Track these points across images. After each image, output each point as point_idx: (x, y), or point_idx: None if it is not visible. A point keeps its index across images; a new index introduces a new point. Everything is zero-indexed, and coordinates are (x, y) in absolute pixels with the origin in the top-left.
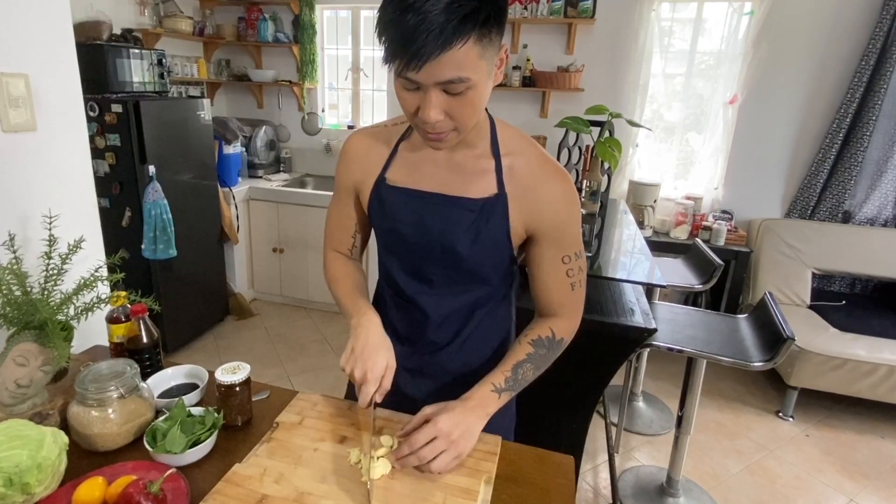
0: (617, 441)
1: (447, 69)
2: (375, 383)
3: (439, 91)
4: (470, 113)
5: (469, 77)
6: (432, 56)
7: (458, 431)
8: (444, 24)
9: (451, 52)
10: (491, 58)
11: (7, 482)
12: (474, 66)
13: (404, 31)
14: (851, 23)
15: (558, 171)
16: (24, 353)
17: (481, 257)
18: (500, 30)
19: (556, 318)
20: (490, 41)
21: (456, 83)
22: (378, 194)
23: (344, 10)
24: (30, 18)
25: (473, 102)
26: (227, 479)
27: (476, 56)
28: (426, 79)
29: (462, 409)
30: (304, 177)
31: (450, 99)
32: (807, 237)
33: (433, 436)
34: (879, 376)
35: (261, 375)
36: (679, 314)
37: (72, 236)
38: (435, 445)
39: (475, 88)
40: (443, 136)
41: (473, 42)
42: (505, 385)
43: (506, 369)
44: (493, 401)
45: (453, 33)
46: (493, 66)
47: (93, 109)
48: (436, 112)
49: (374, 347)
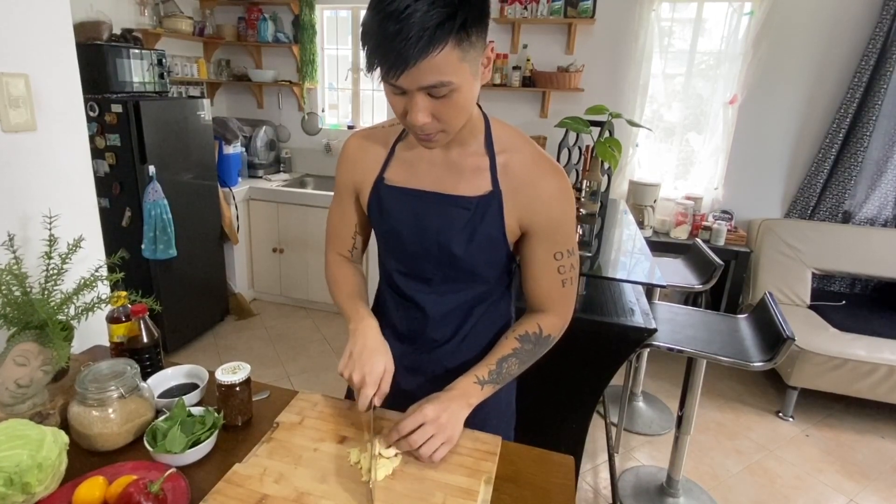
0: (617, 441)
1: (428, 75)
2: (374, 386)
3: (424, 95)
4: (456, 114)
5: (451, 80)
6: (411, 63)
7: (445, 416)
8: (421, 31)
9: (429, 59)
10: (474, 59)
11: (7, 482)
12: (455, 70)
13: (384, 39)
14: (851, 23)
15: (553, 168)
16: (25, 353)
17: (477, 255)
18: (480, 32)
19: (545, 313)
20: (470, 44)
21: (438, 87)
22: (377, 194)
23: (344, 10)
24: (30, 18)
25: (458, 104)
26: (227, 479)
27: (456, 60)
28: (408, 84)
29: (446, 397)
30: (304, 177)
31: (435, 102)
32: (807, 237)
33: (421, 422)
34: (879, 376)
35: (261, 375)
36: (679, 314)
37: (72, 236)
38: (425, 430)
39: (459, 90)
40: (432, 137)
41: (452, 47)
42: (488, 378)
43: (490, 363)
44: (476, 392)
45: (430, 41)
46: (477, 66)
47: (93, 109)
48: (423, 115)
49: (371, 351)
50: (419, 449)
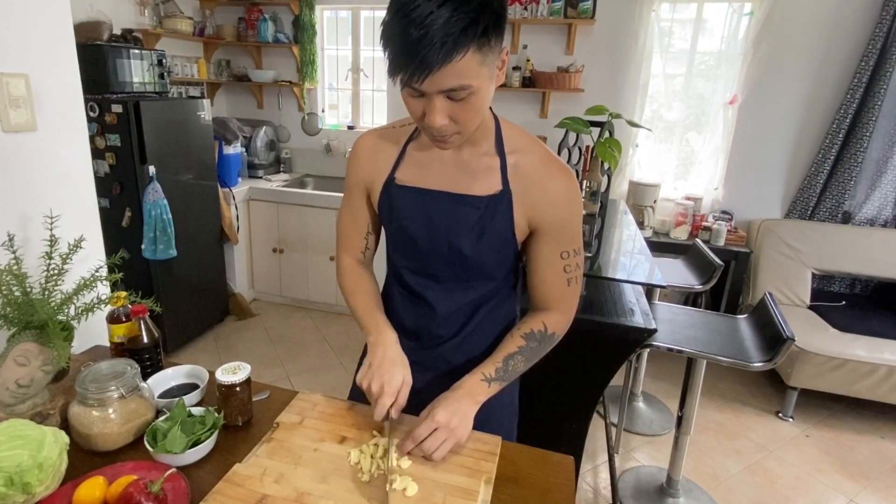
0: (617, 441)
1: (449, 78)
2: (392, 397)
3: (443, 98)
4: (472, 116)
5: (471, 84)
6: (435, 68)
7: (456, 419)
8: (444, 37)
9: (453, 64)
10: (492, 63)
11: (8, 482)
12: (476, 74)
13: (407, 45)
14: (851, 23)
15: (563, 169)
16: (25, 352)
17: (486, 254)
18: (499, 36)
19: (549, 312)
20: (490, 48)
21: (458, 90)
22: (387, 193)
23: (344, 10)
24: (30, 18)
25: (475, 106)
26: (227, 478)
27: (477, 64)
28: (430, 88)
29: (454, 397)
30: (304, 177)
31: (453, 104)
32: (807, 237)
33: (433, 428)
34: (879, 376)
35: (261, 375)
36: (679, 314)
37: (72, 236)
38: (437, 436)
39: (477, 93)
40: (447, 138)
41: (474, 52)
42: (495, 375)
43: (497, 360)
44: (483, 390)
45: (454, 46)
46: (494, 69)
47: (93, 110)
48: (441, 117)
49: (391, 363)
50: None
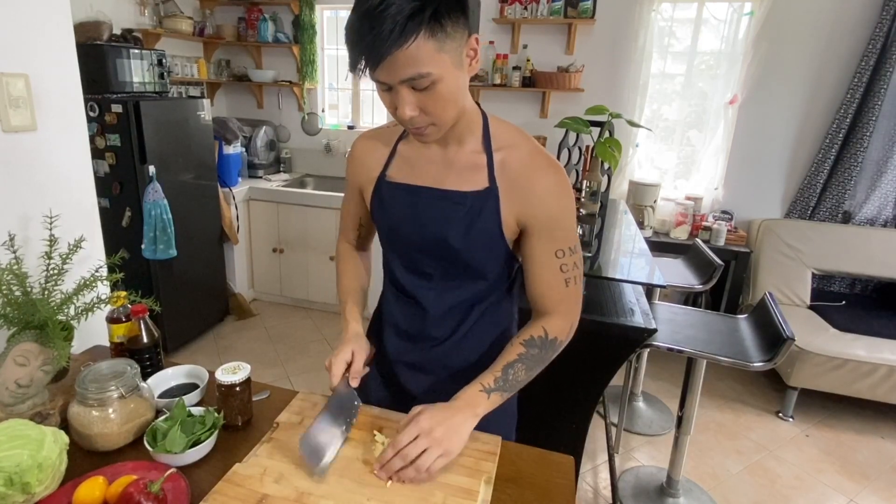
0: (617, 441)
1: (404, 67)
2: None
3: (407, 88)
4: (442, 106)
5: (430, 72)
6: (384, 56)
7: (440, 429)
8: (391, 25)
9: (403, 51)
10: (453, 50)
11: (8, 482)
12: (433, 61)
13: (360, 36)
14: (851, 23)
15: (550, 163)
16: (25, 352)
17: (474, 250)
18: (457, 22)
19: (550, 316)
20: (446, 34)
21: (418, 79)
22: (379, 192)
23: (344, 10)
24: (30, 18)
25: (443, 96)
26: (227, 478)
27: (433, 50)
28: (388, 78)
29: (448, 408)
30: (304, 177)
31: (420, 95)
32: (807, 237)
33: (416, 434)
34: (879, 376)
35: (261, 375)
36: (679, 314)
37: (72, 236)
38: (418, 443)
39: (442, 81)
40: (422, 130)
41: (425, 38)
42: (494, 386)
43: (496, 370)
44: (483, 401)
45: (402, 32)
46: (460, 57)
47: (93, 109)
48: (409, 108)
49: (343, 343)
50: (415, 462)
